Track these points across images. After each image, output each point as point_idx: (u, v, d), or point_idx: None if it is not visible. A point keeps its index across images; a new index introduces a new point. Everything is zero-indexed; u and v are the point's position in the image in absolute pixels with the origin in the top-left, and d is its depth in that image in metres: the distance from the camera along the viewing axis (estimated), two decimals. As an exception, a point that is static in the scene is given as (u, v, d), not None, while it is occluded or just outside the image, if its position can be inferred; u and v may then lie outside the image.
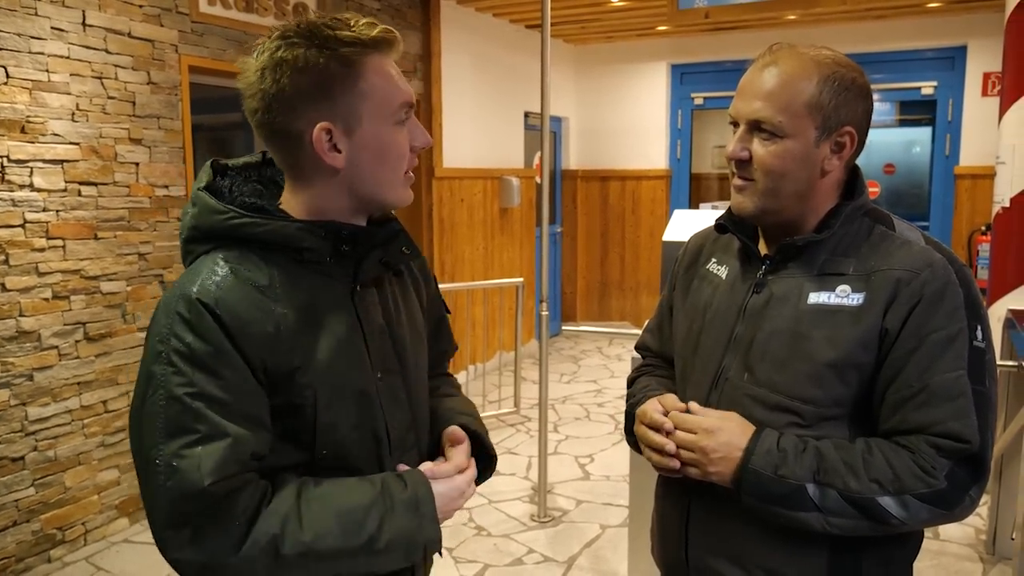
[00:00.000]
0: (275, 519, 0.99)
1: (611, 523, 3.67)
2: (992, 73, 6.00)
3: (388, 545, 1.04)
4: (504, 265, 6.47)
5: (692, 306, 1.40)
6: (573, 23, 6.34)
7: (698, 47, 7.02)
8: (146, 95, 3.55)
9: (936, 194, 6.37)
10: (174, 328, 1.00)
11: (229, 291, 1.02)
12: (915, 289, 1.15)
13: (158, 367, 0.99)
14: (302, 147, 1.05)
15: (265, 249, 1.06)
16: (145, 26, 3.52)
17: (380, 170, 1.09)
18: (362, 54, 1.05)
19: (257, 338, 1.02)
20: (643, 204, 7.48)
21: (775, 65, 1.20)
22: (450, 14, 5.66)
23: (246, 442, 0.99)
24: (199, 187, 1.10)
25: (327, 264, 1.10)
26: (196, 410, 0.97)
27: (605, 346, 7.27)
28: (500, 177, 6.29)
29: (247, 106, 1.07)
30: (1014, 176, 3.68)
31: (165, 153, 3.66)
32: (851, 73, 1.20)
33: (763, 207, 1.23)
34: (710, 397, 1.29)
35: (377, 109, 1.06)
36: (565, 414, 5.28)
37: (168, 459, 0.96)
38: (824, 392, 1.18)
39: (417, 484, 1.10)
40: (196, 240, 1.09)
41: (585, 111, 7.61)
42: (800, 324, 1.20)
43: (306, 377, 1.05)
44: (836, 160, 1.22)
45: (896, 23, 6.18)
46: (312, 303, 1.08)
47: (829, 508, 1.14)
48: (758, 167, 1.21)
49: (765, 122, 1.19)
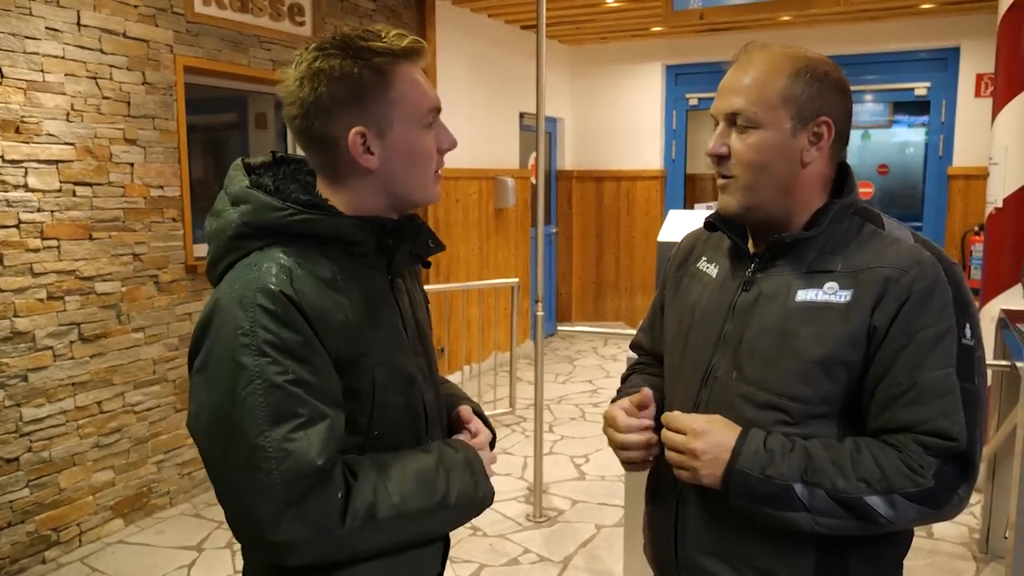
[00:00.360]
0: (367, 488, 1.07)
1: (606, 523, 3.67)
2: (985, 74, 6.02)
3: (457, 501, 1.16)
4: (499, 265, 6.47)
5: (682, 304, 1.41)
6: (568, 24, 6.35)
7: (692, 48, 7.03)
8: (141, 95, 3.54)
9: (930, 194, 6.40)
10: (260, 320, 1.04)
11: (303, 283, 1.08)
12: (903, 287, 1.15)
13: (249, 359, 1.02)
14: (338, 150, 1.13)
15: (320, 243, 1.13)
16: (140, 26, 3.52)
17: (411, 170, 1.17)
18: (393, 63, 1.13)
19: (333, 327, 1.09)
20: (638, 205, 7.49)
21: (749, 62, 1.24)
22: (445, 15, 5.67)
23: (339, 423, 1.08)
24: (245, 185, 1.14)
25: (371, 257, 1.18)
26: (297, 395, 1.03)
27: (600, 346, 7.28)
28: (495, 177, 6.29)
29: (286, 113, 1.15)
30: (1007, 177, 3.70)
31: (160, 153, 3.65)
32: (824, 67, 1.23)
33: (746, 203, 1.24)
34: (700, 395, 1.29)
35: (407, 114, 1.14)
36: (560, 414, 5.29)
37: (279, 443, 1.01)
38: (813, 390, 1.19)
39: (466, 448, 1.23)
40: (248, 236, 1.12)
41: (580, 112, 7.63)
42: (788, 322, 1.21)
43: (368, 361, 1.13)
44: (815, 151, 1.22)
45: (889, 24, 6.21)
46: (366, 294, 1.16)
47: (817, 508, 1.14)
48: (736, 161, 1.23)
49: (740, 113, 1.21)
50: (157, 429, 3.73)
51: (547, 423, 5.01)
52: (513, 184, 6.33)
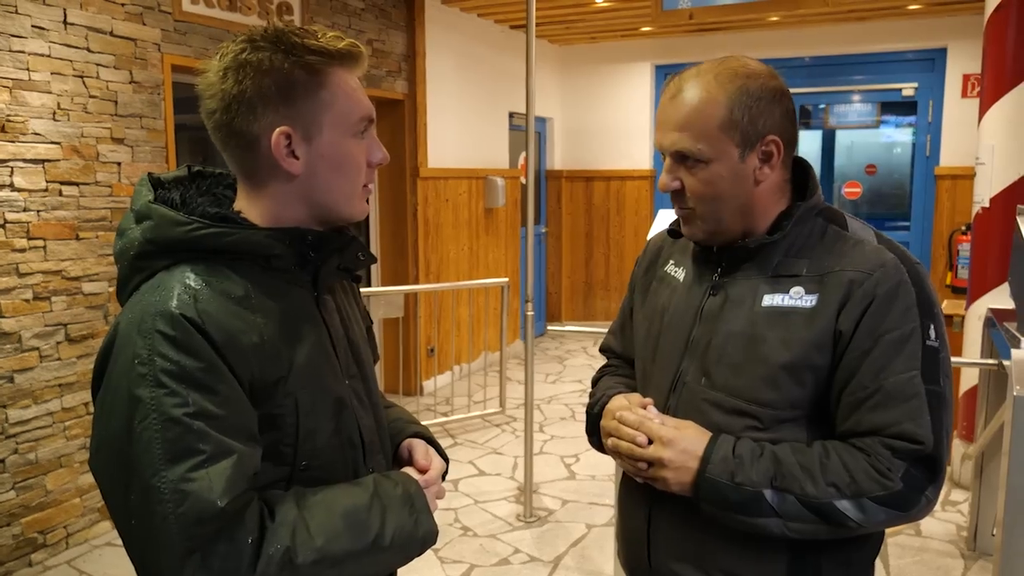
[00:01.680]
0: (284, 531, 0.97)
1: (597, 523, 3.67)
2: (972, 75, 6.06)
3: (392, 541, 1.05)
4: (489, 265, 6.47)
5: (651, 309, 1.40)
6: (558, 23, 6.35)
7: (682, 48, 7.05)
8: (128, 94, 3.52)
9: (917, 194, 6.44)
10: (157, 347, 0.95)
11: (209, 304, 0.99)
12: (867, 290, 1.15)
13: (145, 391, 0.93)
14: (259, 151, 1.05)
15: (232, 259, 1.04)
16: (127, 25, 3.49)
17: (337, 180, 1.08)
18: (327, 64, 1.05)
19: (244, 350, 1.00)
20: (627, 204, 7.50)
21: (681, 93, 1.21)
22: (435, 14, 5.66)
23: (248, 458, 0.97)
24: (148, 200, 1.05)
25: (292, 272, 1.10)
26: (198, 430, 0.93)
27: (590, 346, 7.29)
28: (485, 177, 6.29)
29: (205, 107, 1.06)
30: (994, 176, 3.72)
31: (148, 153, 3.63)
32: (756, 81, 1.19)
33: (711, 230, 1.25)
34: (669, 401, 1.29)
35: (337, 119, 1.07)
36: (550, 414, 5.29)
37: (175, 484, 0.91)
38: (780, 395, 1.18)
39: (406, 481, 1.12)
40: (151, 255, 1.03)
41: (569, 111, 7.63)
42: (755, 327, 1.20)
43: (288, 386, 1.04)
44: (767, 169, 1.22)
45: (877, 25, 6.24)
46: (285, 311, 1.07)
47: (787, 513, 1.14)
48: (691, 195, 1.23)
49: (686, 152, 1.20)
50: (145, 430, 3.70)
51: (537, 423, 5.00)
52: (503, 184, 6.32)
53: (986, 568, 3.20)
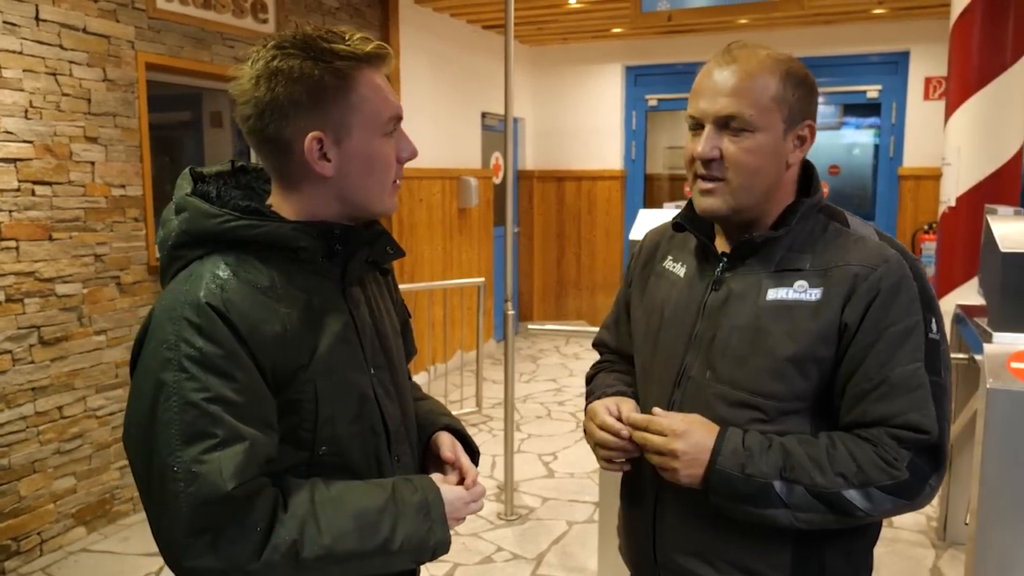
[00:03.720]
0: (293, 523, 1.00)
1: (578, 519, 3.70)
2: (933, 77, 6.22)
3: (401, 547, 1.07)
4: (463, 265, 6.47)
5: (650, 304, 1.41)
6: (530, 24, 6.38)
7: (652, 49, 7.13)
8: (102, 92, 3.46)
9: (881, 194, 6.58)
10: (183, 334, 0.99)
11: (235, 293, 1.03)
12: (872, 283, 1.18)
13: (169, 374, 0.98)
14: (292, 155, 1.08)
15: (261, 251, 1.08)
16: (101, 22, 3.43)
17: (368, 179, 1.12)
18: (355, 68, 1.08)
19: (267, 339, 1.03)
20: (599, 204, 7.55)
21: (736, 63, 1.22)
22: (408, 14, 5.64)
23: (262, 445, 1.00)
24: (186, 193, 1.10)
25: (320, 264, 1.13)
26: (213, 414, 0.97)
27: (562, 345, 7.33)
28: (458, 177, 6.29)
29: (239, 112, 1.09)
30: (960, 177, 3.84)
31: (122, 152, 3.57)
32: (804, 70, 1.25)
33: (736, 206, 1.24)
34: (674, 395, 1.30)
35: (367, 121, 1.09)
36: (526, 413, 5.31)
37: (188, 465, 0.96)
38: (785, 387, 1.21)
39: (427, 488, 1.13)
40: (187, 245, 1.08)
41: (541, 112, 7.66)
42: (760, 320, 1.22)
43: (308, 373, 1.08)
44: (799, 153, 1.26)
45: (843, 28, 6.37)
46: (310, 302, 1.10)
47: (796, 504, 1.16)
48: (731, 165, 1.22)
49: (736, 117, 1.20)
50: (119, 434, 3.61)
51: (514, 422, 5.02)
52: (476, 184, 6.33)
53: (956, 557, 3.29)
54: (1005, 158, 3.74)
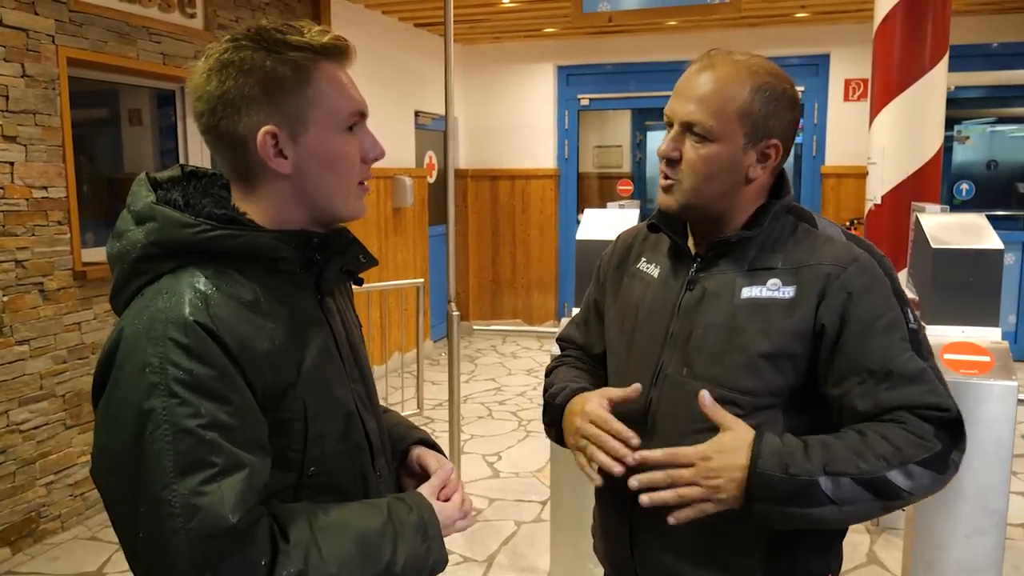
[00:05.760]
0: (297, 554, 0.94)
1: (525, 519, 3.71)
2: (852, 79, 6.48)
3: (404, 568, 1.03)
4: (399, 266, 6.40)
5: (624, 305, 1.42)
6: (463, 23, 6.35)
7: (583, 49, 7.19)
8: (20, 89, 3.27)
9: (804, 192, 6.81)
10: (169, 355, 0.92)
11: (221, 308, 0.97)
12: (844, 282, 1.21)
13: (157, 401, 0.90)
14: (247, 152, 1.03)
15: (239, 262, 1.02)
16: (17, 14, 3.25)
17: (329, 178, 1.06)
18: (312, 60, 1.04)
19: (257, 356, 0.97)
20: (532, 203, 7.58)
21: (711, 70, 1.24)
22: (339, 10, 5.54)
23: (260, 471, 0.95)
24: (151, 201, 1.02)
25: (297, 275, 1.08)
26: (211, 441, 0.90)
27: (499, 344, 7.33)
28: (393, 177, 6.22)
29: (194, 109, 1.05)
30: (884, 175, 3.99)
31: (43, 152, 3.39)
32: (782, 84, 1.25)
33: (686, 203, 1.28)
34: (651, 393, 1.31)
35: (325, 116, 1.05)
36: (467, 413, 5.29)
37: (186, 498, 0.88)
38: (761, 382, 1.23)
39: (421, 507, 1.09)
40: (157, 258, 1.00)
41: (473, 111, 7.64)
42: (735, 318, 1.25)
43: (297, 390, 1.02)
44: (760, 169, 1.27)
45: (768, 31, 6.56)
46: (292, 315, 1.05)
47: (843, 497, 1.14)
48: (686, 167, 1.26)
49: (696, 125, 1.23)
50: (46, 449, 3.46)
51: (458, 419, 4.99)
52: (411, 183, 6.27)
53: (890, 542, 3.43)
54: (926, 157, 3.91)
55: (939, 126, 3.95)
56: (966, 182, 6.61)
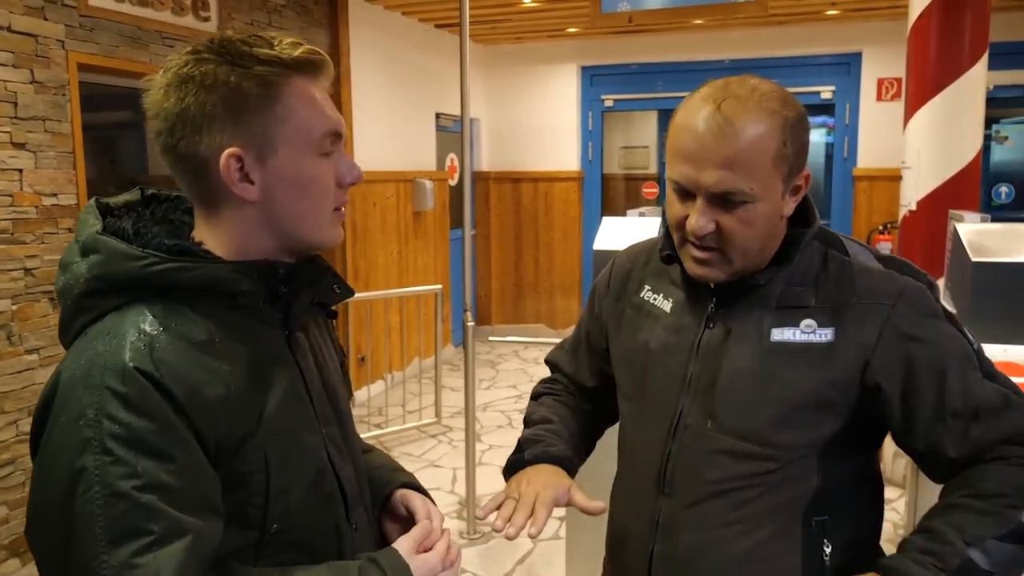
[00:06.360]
0: None
1: (542, 536, 3.59)
2: (885, 78, 6.27)
3: None
4: (419, 270, 6.32)
5: (631, 342, 1.29)
6: (484, 23, 6.25)
7: (607, 50, 7.05)
8: (29, 95, 3.23)
9: (836, 195, 6.62)
10: (105, 407, 0.82)
11: (167, 352, 0.87)
12: (897, 325, 1.10)
13: (89, 458, 0.81)
14: (208, 175, 0.93)
15: (193, 297, 0.92)
16: (27, 19, 3.20)
17: (300, 205, 0.97)
18: (281, 75, 0.94)
19: (209, 404, 0.87)
20: (556, 206, 7.47)
21: (731, 125, 1.06)
22: (358, 12, 5.47)
23: (207, 537, 0.85)
24: (96, 231, 0.92)
25: (261, 310, 0.97)
26: (147, 505, 0.81)
27: (522, 350, 7.22)
28: (413, 180, 6.13)
29: (151, 127, 0.95)
30: (920, 180, 3.82)
31: (53, 158, 3.34)
32: (794, 107, 1.11)
33: (735, 272, 1.14)
34: (668, 445, 1.20)
35: (296, 136, 0.95)
36: (487, 422, 5.19)
37: (116, 571, 0.79)
38: (796, 436, 1.12)
39: (396, 569, 0.97)
40: (100, 294, 0.90)
41: (496, 112, 7.54)
42: (765, 364, 1.13)
43: (257, 439, 0.92)
44: (792, 203, 1.15)
45: (797, 29, 6.38)
46: (254, 356, 0.95)
47: (997, 562, 1.04)
48: (728, 237, 1.11)
49: (735, 193, 1.07)
50: (55, 459, 3.42)
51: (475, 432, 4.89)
52: (431, 186, 6.18)
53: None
54: (964, 162, 3.73)
55: (978, 129, 3.77)
56: (1005, 185, 6.36)
